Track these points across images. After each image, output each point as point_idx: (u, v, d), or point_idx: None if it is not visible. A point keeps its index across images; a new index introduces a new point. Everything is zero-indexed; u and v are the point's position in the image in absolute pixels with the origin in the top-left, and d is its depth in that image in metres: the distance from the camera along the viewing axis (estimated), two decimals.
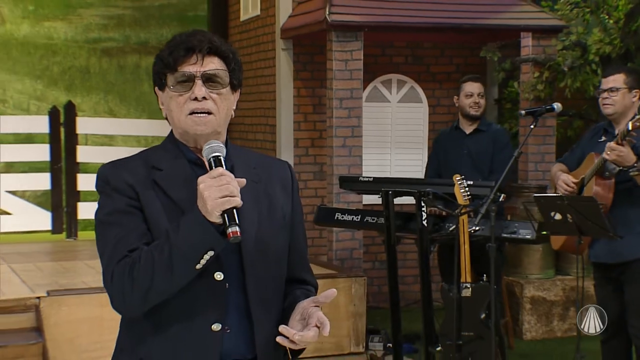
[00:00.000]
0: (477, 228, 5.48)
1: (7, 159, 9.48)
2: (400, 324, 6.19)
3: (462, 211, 5.52)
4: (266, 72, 8.49)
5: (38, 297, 6.06)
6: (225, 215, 2.24)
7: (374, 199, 6.45)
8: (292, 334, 2.28)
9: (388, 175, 7.78)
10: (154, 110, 9.82)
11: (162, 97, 2.45)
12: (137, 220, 2.35)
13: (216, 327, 2.34)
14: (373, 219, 6.33)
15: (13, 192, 9.28)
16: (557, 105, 5.33)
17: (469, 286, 5.54)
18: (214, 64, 2.40)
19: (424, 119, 8.22)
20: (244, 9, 9.08)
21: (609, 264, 5.00)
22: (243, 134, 9.18)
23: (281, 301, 2.48)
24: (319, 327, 2.31)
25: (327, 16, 7.03)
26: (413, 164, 7.87)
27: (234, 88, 2.45)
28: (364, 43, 7.48)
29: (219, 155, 2.32)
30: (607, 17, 7.44)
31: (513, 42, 7.77)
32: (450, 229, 5.81)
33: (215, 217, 2.24)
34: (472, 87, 6.32)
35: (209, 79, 2.39)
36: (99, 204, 2.42)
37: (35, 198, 9.41)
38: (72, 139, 8.99)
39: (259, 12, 8.66)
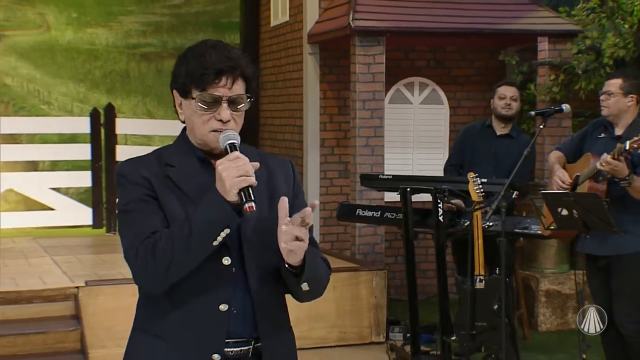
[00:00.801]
0: (491, 224, 5.58)
1: (52, 158, 9.71)
2: (417, 315, 6.25)
3: (476, 207, 5.63)
4: (294, 76, 8.51)
5: (77, 287, 6.24)
6: (242, 192, 2.35)
7: (395, 196, 6.44)
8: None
9: (410, 173, 7.78)
10: None
11: (183, 103, 2.53)
12: (155, 207, 2.47)
13: (223, 307, 2.45)
14: (392, 215, 6.39)
15: (57, 189, 9.49)
16: (565, 107, 5.38)
17: (482, 279, 5.56)
18: (238, 87, 2.48)
19: (445, 120, 8.23)
20: (274, 16, 9.09)
21: (598, 256, 5.05)
22: (272, 134, 9.23)
23: (281, 283, 2.56)
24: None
25: (350, 22, 7.08)
26: (434, 162, 7.87)
27: (249, 101, 2.55)
28: (388, 47, 7.48)
29: (234, 142, 2.43)
30: (621, 22, 7.44)
31: (531, 46, 7.77)
32: (466, 224, 5.82)
33: (232, 196, 2.34)
34: (506, 90, 6.33)
35: (233, 102, 2.48)
36: (118, 196, 2.53)
37: (78, 195, 9.62)
38: (112, 139, 9.16)
39: (287, 19, 8.66)
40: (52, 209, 9.36)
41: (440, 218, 6.01)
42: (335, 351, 6.72)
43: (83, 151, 9.30)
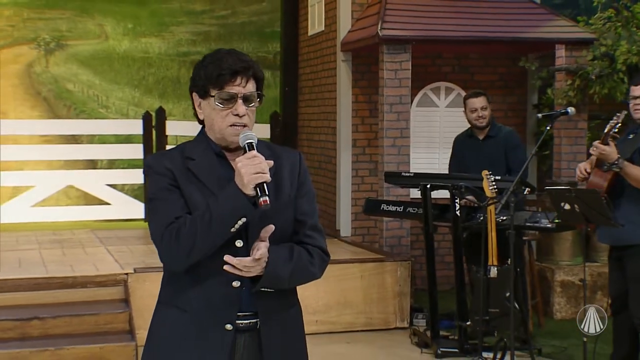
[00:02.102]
0: (504, 218, 5.68)
1: (109, 157, 9.88)
2: (437, 302, 6.36)
3: (489, 202, 5.74)
4: (329, 81, 8.54)
5: (127, 274, 6.40)
6: (258, 188, 2.49)
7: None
8: (233, 260, 2.51)
9: (436, 171, 7.74)
10: None
11: (202, 104, 2.66)
12: (177, 196, 2.60)
13: (236, 284, 2.59)
14: (414, 210, 6.52)
15: (113, 186, 9.69)
16: (570, 110, 5.42)
17: (495, 269, 5.66)
18: (251, 86, 2.63)
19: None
20: (311, 26, 9.09)
21: (613, 247, 5.09)
22: (309, 135, 9.27)
23: None
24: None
25: (379, 31, 7.12)
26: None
27: (260, 102, 2.69)
28: (416, 54, 7.51)
29: (252, 142, 2.57)
30: (636, 29, 7.46)
31: (550, 53, 7.77)
32: (481, 218, 5.88)
33: (249, 190, 2.48)
34: (474, 103, 6.33)
35: (247, 99, 2.62)
36: (148, 186, 2.69)
37: (132, 191, 9.74)
38: (162, 140, 9.27)
39: (323, 28, 8.67)
40: (108, 204, 9.55)
41: (457, 212, 6.16)
42: (362, 335, 6.79)
43: (137, 151, 9.39)
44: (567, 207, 4.94)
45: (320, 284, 6.68)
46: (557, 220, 5.24)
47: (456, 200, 6.10)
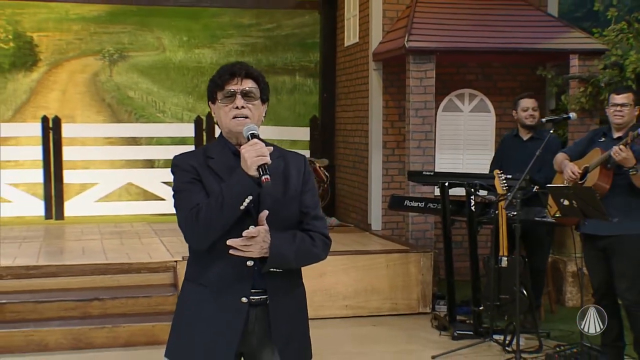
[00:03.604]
0: (515, 213, 5.79)
1: (165, 157, 9.89)
2: (454, 289, 6.47)
3: (500, 199, 5.89)
4: (362, 88, 8.62)
5: (176, 261, 6.61)
6: (260, 168, 2.69)
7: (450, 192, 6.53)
8: (229, 242, 2.70)
9: (460, 171, 7.74)
10: (280, 119, 9.95)
11: (213, 109, 2.89)
12: (199, 188, 2.80)
13: (250, 263, 2.78)
14: (434, 205, 6.64)
15: (168, 183, 9.83)
16: (572, 115, 5.55)
17: (505, 259, 5.85)
18: (248, 84, 2.83)
19: (491, 126, 8.17)
20: (347, 38, 9.15)
21: (600, 236, 5.11)
22: (345, 138, 9.33)
23: None
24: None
25: (405, 43, 7.23)
26: (481, 162, 7.78)
27: (263, 101, 2.87)
28: (443, 63, 7.58)
29: (254, 132, 2.78)
30: None
31: (565, 62, 7.75)
32: (494, 214, 6.01)
33: (253, 171, 2.68)
34: (527, 103, 6.40)
35: (246, 94, 2.81)
36: (173, 181, 2.89)
37: None
38: (211, 141, 9.39)
39: (357, 40, 8.73)
40: (164, 200, 9.62)
41: (472, 208, 6.30)
42: (387, 319, 6.90)
43: None
44: (566, 202, 5.05)
45: (350, 272, 7.00)
46: (557, 215, 5.35)
47: (471, 197, 6.26)
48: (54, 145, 9.55)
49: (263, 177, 2.68)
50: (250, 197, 2.72)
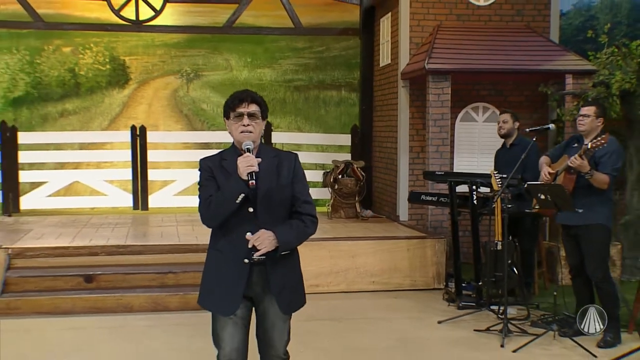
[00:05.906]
0: (510, 205, 6.11)
1: None
2: (460, 268, 6.80)
3: (493, 194, 6.30)
4: (392, 102, 8.81)
5: None
6: (249, 175, 3.11)
7: (460, 188, 6.82)
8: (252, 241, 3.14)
9: (475, 172, 7.72)
10: (328, 127, 10.28)
11: (227, 123, 3.29)
12: (213, 184, 3.23)
13: (249, 235, 3.18)
14: (445, 199, 6.98)
15: None
16: (551, 126, 5.97)
17: (499, 243, 6.16)
18: (253, 107, 3.23)
19: None
20: (382, 59, 9.33)
21: (571, 225, 5.49)
22: (380, 143, 9.56)
23: (281, 223, 3.25)
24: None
25: (425, 65, 7.58)
26: (492, 165, 7.84)
27: (263, 119, 3.28)
28: (459, 81, 7.84)
29: (249, 147, 3.18)
30: (630, 61, 7.70)
31: (562, 80, 7.98)
32: (492, 206, 6.35)
33: (244, 176, 3.10)
34: (499, 117, 6.77)
35: (251, 115, 3.22)
36: (199, 177, 3.32)
37: None
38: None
39: (389, 61, 8.91)
40: None
41: (474, 202, 6.66)
42: (407, 293, 7.19)
43: None
44: (542, 197, 5.47)
45: (377, 254, 7.49)
46: (537, 207, 5.78)
47: (473, 193, 6.70)
48: (141, 149, 9.93)
49: (250, 182, 3.13)
50: (242, 195, 3.15)
